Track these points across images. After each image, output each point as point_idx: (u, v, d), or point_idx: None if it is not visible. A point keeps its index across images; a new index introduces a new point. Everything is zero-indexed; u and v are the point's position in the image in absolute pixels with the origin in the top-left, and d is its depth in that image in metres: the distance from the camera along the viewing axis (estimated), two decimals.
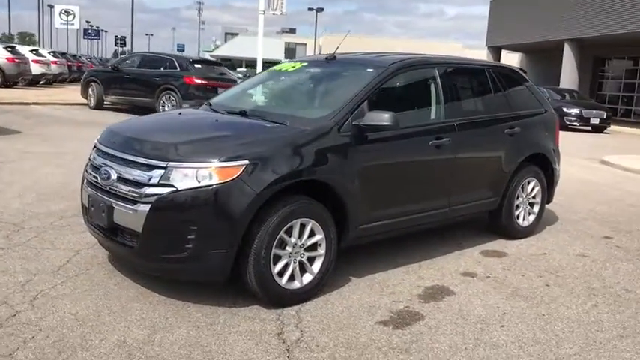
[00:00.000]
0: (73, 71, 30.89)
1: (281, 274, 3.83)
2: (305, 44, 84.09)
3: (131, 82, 15.77)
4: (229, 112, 4.52)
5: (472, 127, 5.04)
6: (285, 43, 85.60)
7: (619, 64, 32.91)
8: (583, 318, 3.95)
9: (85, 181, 4.24)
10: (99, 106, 16.49)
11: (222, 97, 5.20)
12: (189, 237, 3.56)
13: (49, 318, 3.50)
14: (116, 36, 60.53)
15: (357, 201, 4.13)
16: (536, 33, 30.99)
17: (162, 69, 15.55)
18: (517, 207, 5.68)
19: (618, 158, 12.35)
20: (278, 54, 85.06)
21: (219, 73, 16.21)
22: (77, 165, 8.09)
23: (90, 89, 16.62)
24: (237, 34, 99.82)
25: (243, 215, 3.58)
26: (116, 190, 3.81)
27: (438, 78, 4.88)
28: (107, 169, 3.90)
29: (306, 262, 3.95)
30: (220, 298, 3.90)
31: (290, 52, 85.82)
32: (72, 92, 21.96)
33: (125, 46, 75.91)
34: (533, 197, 5.86)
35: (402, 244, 5.15)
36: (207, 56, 50.27)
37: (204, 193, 3.53)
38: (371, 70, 4.58)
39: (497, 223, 5.64)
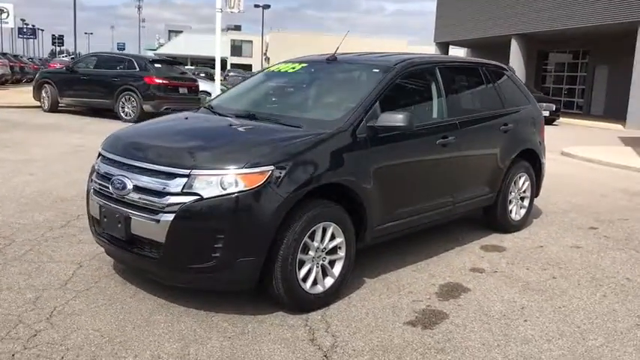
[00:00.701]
0: (15, 72, 29.64)
1: (305, 279, 3.79)
2: (251, 41, 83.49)
3: (88, 84, 15.25)
4: (238, 116, 4.43)
5: (472, 125, 5.13)
6: (232, 40, 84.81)
7: (561, 57, 34.15)
8: (597, 309, 4.07)
9: (92, 191, 4.08)
10: (53, 108, 15.88)
11: (221, 99, 5.09)
12: (216, 246, 3.47)
13: (72, 336, 3.35)
14: (53, 35, 58.35)
15: (373, 202, 4.13)
16: (484, 29, 31.77)
17: (120, 69, 15.11)
18: (510, 202, 5.81)
19: (578, 149, 12.81)
20: (224, 51, 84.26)
21: (180, 72, 15.90)
22: (50, 172, 7.81)
23: (43, 91, 15.97)
24: (181, 32, 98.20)
25: (272, 222, 3.52)
26: (133, 200, 3.68)
27: (439, 77, 4.93)
28: (121, 178, 3.75)
29: (327, 265, 3.93)
30: (241, 305, 3.83)
31: (236, 49, 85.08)
32: (19, 94, 21.10)
33: (63, 45, 73.24)
34: (524, 192, 6.01)
35: (404, 242, 5.18)
36: (151, 55, 49.18)
37: (231, 201, 3.44)
38: (377, 70, 4.58)
39: (492, 218, 5.75)
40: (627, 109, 21.71)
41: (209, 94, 18.60)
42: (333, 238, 3.91)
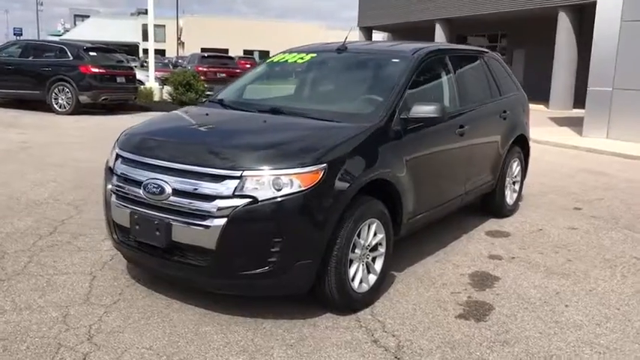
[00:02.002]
0: None
1: (353, 278, 3.68)
2: (164, 26, 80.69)
3: (14, 74, 14.12)
4: (261, 111, 4.21)
5: (480, 113, 5.16)
6: (143, 24, 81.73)
7: (478, 41, 35.33)
8: (625, 290, 4.22)
9: (114, 197, 3.75)
10: None
11: (229, 93, 4.80)
12: (272, 250, 3.28)
13: (126, 357, 3.07)
14: None
15: (408, 194, 4.07)
16: (408, 13, 32.28)
17: (51, 58, 14.09)
18: (505, 187, 5.92)
19: None
20: (135, 36, 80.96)
21: (117, 60, 15.06)
22: (5, 173, 7.17)
23: None
24: (87, 17, 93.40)
25: (329, 222, 3.38)
26: (173, 205, 3.41)
27: (450, 66, 4.91)
28: (156, 182, 3.47)
29: (371, 263, 3.83)
30: (286, 309, 3.66)
31: (148, 34, 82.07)
32: None
33: None
34: (516, 176, 6.14)
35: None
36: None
37: (288, 202, 3.26)
38: (397, 60, 4.50)
39: (491, 204, 5.84)
40: (550, 91, 22.75)
41: (142, 83, 17.83)
42: (375, 234, 3.82)
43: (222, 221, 3.26)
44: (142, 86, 16.99)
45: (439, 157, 4.52)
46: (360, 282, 3.74)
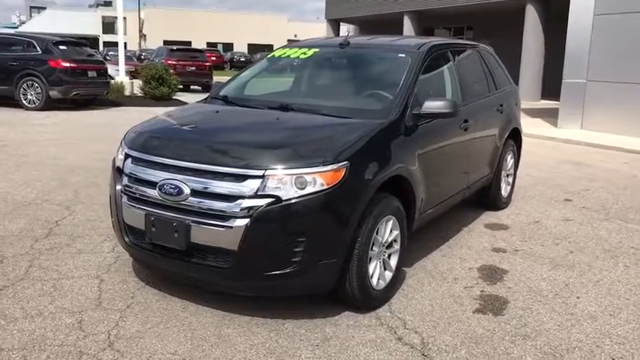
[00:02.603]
0: None
1: (371, 275, 3.66)
2: (125, 18, 78.93)
3: None
4: (270, 108, 4.14)
5: (480, 107, 5.19)
6: (103, 17, 79.97)
7: (445, 34, 35.67)
8: (630, 280, 4.31)
9: (125, 198, 3.64)
10: None
11: (232, 89, 4.69)
12: (296, 250, 3.24)
13: None
14: None
15: (420, 190, 4.07)
16: (377, 5, 32.36)
17: (19, 52, 13.62)
18: (501, 180, 5.98)
19: None
20: (94, 29, 79.10)
21: (88, 54, 14.67)
22: None
23: None
24: (44, 8, 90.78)
25: (353, 220, 3.35)
26: (193, 206, 3.33)
27: (451, 60, 4.92)
28: (174, 182, 3.38)
29: (387, 259, 3.82)
30: (304, 307, 3.63)
31: (109, 26, 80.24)
32: None
33: None
34: (509, 169, 6.22)
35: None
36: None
37: (312, 201, 3.22)
38: (403, 55, 4.48)
39: (488, 197, 5.89)
40: (518, 83, 23.14)
41: (112, 77, 17.42)
42: (391, 231, 3.80)
43: (245, 222, 3.20)
44: (113, 81, 16.59)
45: (446, 151, 4.53)
46: (378, 279, 3.72)
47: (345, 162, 3.33)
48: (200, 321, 3.47)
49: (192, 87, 22.37)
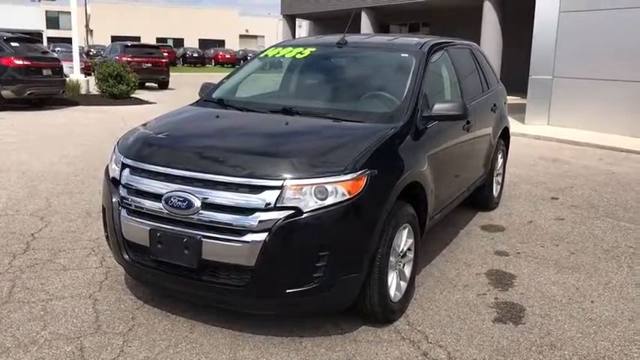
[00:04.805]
0: None
1: (389, 287, 3.49)
2: (69, 12, 76.48)
3: None
4: (272, 111, 3.90)
5: (478, 107, 5.08)
6: (47, 11, 77.27)
7: (400, 30, 35.87)
8: (638, 281, 4.28)
9: (125, 212, 3.35)
10: None
11: (226, 91, 4.41)
12: (318, 265, 3.03)
13: None
14: None
15: (431, 195, 3.92)
16: (336, 2, 32.23)
17: None
18: (493, 180, 5.91)
19: None
20: (37, 23, 76.22)
21: (42, 51, 13.98)
22: None
23: None
24: None
25: (376, 231, 3.17)
26: (203, 221, 3.08)
27: (450, 60, 4.80)
28: (182, 194, 3.11)
29: (402, 270, 3.66)
30: (316, 324, 3.43)
31: (53, 21, 77.61)
32: None
33: None
34: (499, 169, 6.15)
35: None
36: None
37: (335, 212, 3.02)
38: (407, 55, 4.31)
39: (480, 198, 5.80)
40: None
41: (66, 76, 16.68)
42: (406, 240, 3.63)
43: (263, 236, 2.97)
44: (68, 79, 15.88)
45: (451, 153, 4.40)
46: (395, 291, 3.56)
47: (367, 169, 3.14)
48: (212, 343, 3.22)
49: (147, 84, 21.69)
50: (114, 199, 3.43)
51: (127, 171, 3.41)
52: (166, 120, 3.97)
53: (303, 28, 41.31)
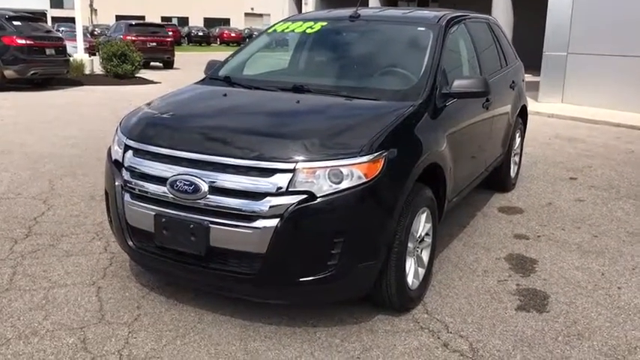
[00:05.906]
0: None
1: (407, 274, 3.31)
2: None
3: None
4: (283, 89, 3.69)
5: (497, 84, 4.84)
6: None
7: (406, 5, 35.30)
8: None
9: (128, 197, 3.18)
10: None
11: (233, 69, 4.18)
12: (333, 252, 2.85)
13: None
14: None
15: (451, 177, 3.72)
16: None
17: None
18: (511, 160, 5.70)
19: None
20: (41, 3, 75.75)
21: (45, 30, 13.74)
22: None
23: None
24: None
25: (395, 216, 2.98)
26: (211, 206, 2.90)
27: (468, 34, 4.56)
28: (188, 178, 2.93)
29: (420, 255, 3.47)
30: (329, 312, 3.26)
31: (57, 0, 77.05)
32: None
33: None
34: (516, 148, 5.93)
35: None
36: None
37: (351, 196, 2.83)
38: (424, 29, 4.08)
39: (497, 178, 5.59)
40: None
41: (70, 55, 16.45)
42: (424, 224, 3.44)
43: (275, 222, 2.80)
44: (72, 58, 15.65)
45: (470, 132, 4.19)
46: (412, 278, 3.38)
47: (383, 151, 2.95)
48: (221, 333, 3.07)
49: (151, 64, 21.43)
50: (117, 183, 3.25)
51: (130, 153, 3.23)
52: (171, 99, 3.77)
53: (309, 5, 40.66)
